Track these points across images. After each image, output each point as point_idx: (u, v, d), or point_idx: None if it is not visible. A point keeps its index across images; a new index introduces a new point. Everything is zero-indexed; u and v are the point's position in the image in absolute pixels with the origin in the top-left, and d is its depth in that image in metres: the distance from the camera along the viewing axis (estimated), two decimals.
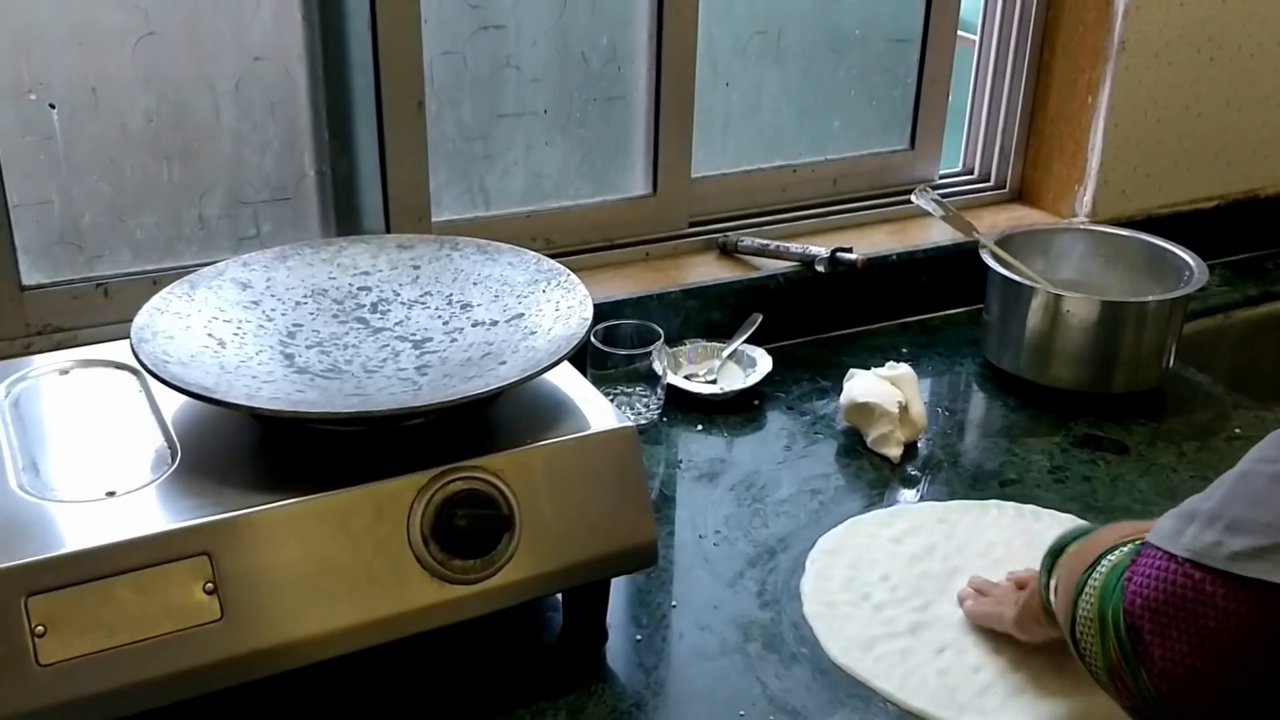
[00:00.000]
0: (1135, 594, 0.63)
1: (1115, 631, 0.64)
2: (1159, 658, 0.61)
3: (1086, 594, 0.68)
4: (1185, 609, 0.60)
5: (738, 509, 1.14)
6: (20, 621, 0.73)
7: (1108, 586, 0.66)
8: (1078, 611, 0.68)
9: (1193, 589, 0.59)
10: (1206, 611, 0.58)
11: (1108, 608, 0.65)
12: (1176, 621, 0.60)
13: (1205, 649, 0.59)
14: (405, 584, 0.83)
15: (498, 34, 1.34)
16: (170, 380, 0.83)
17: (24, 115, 1.14)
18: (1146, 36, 1.55)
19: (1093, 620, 0.66)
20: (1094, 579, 0.68)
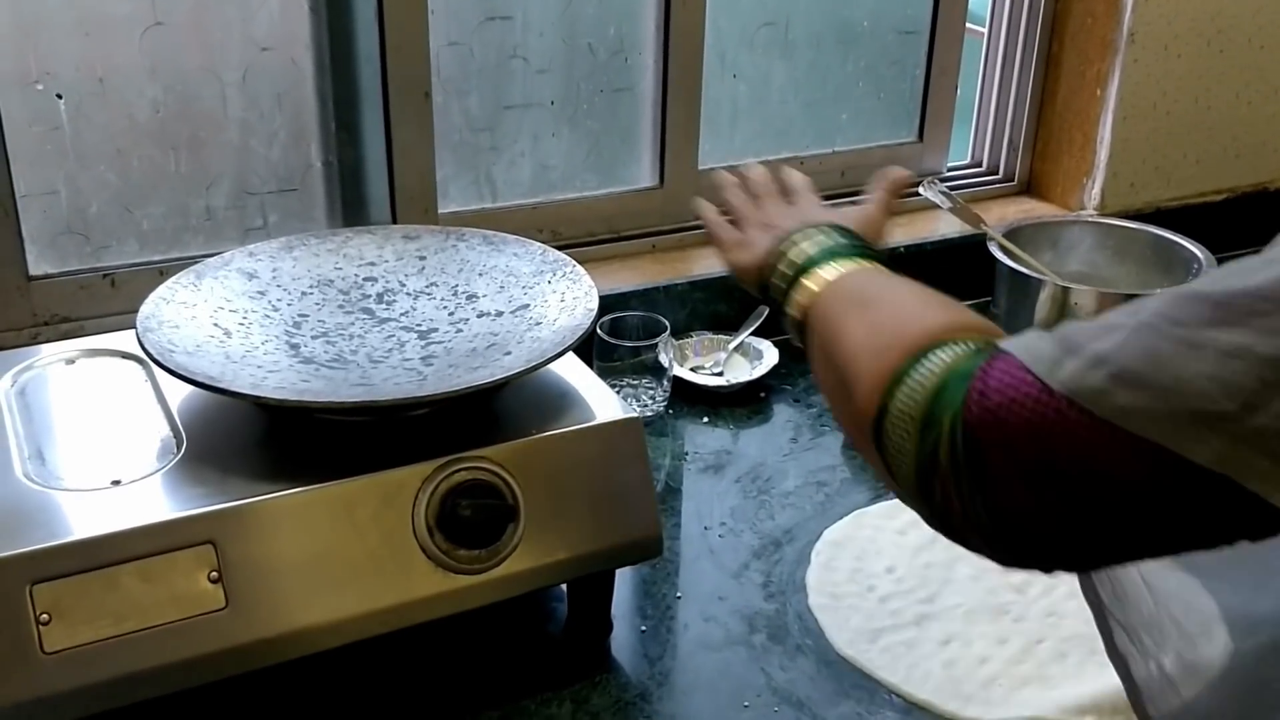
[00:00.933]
0: (986, 410, 0.56)
1: (950, 440, 0.57)
2: (1000, 485, 0.56)
3: (909, 387, 0.61)
4: (1051, 446, 0.54)
5: (743, 501, 1.14)
6: (25, 609, 0.73)
7: (945, 388, 0.59)
8: (892, 402, 0.61)
9: (1065, 429, 0.53)
10: (1078, 456, 0.54)
11: (943, 412, 0.58)
12: (1035, 455, 0.55)
13: (1064, 492, 0.55)
14: (410, 573, 0.83)
15: (505, 25, 1.34)
16: (176, 370, 0.84)
17: (31, 105, 1.14)
18: (1155, 29, 1.55)
19: (914, 418, 0.59)
20: (922, 373, 0.60)
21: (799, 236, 0.82)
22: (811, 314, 0.77)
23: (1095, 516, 0.54)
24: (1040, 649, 0.94)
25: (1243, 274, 0.52)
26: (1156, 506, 0.53)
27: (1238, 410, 0.49)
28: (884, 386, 0.62)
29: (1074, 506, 0.54)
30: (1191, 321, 0.51)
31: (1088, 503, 0.54)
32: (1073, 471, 0.54)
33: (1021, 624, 0.97)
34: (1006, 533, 0.57)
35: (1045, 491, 0.55)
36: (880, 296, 0.74)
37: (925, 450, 0.59)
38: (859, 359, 0.67)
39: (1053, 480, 0.54)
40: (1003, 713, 0.89)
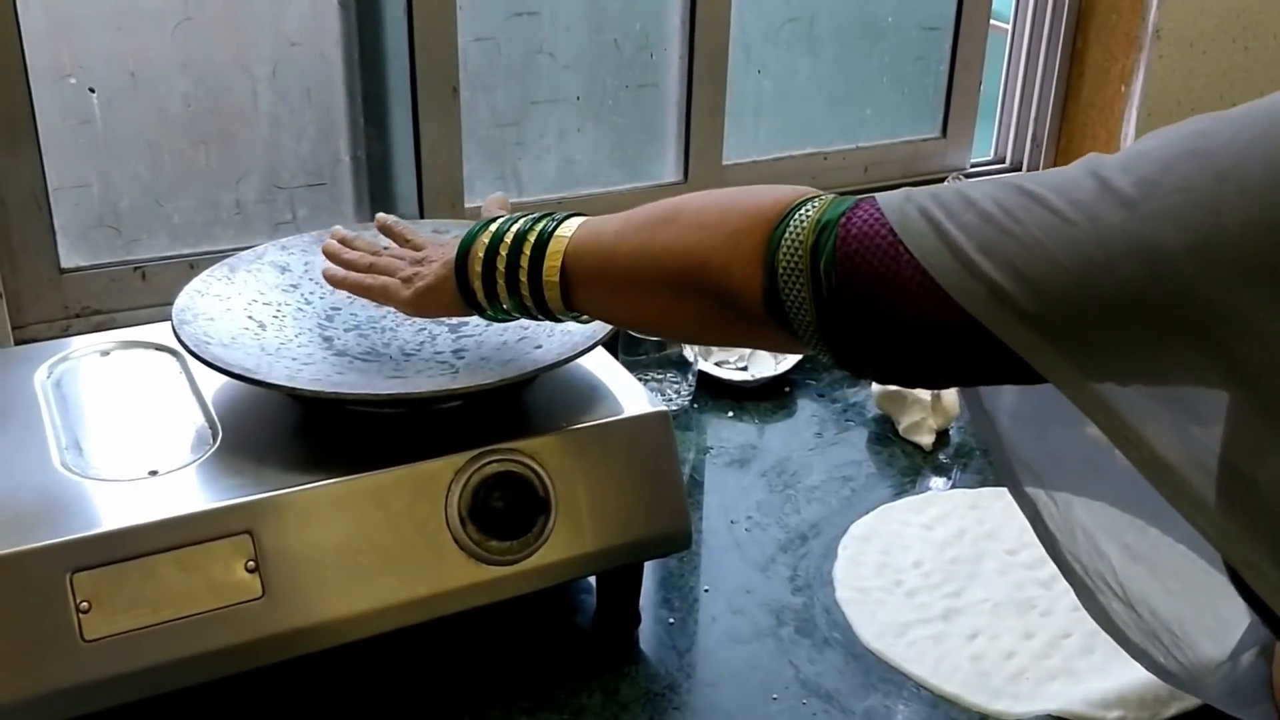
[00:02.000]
0: (852, 256, 0.63)
1: (826, 279, 0.64)
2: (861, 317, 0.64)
3: (789, 245, 0.66)
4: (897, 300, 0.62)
5: (769, 495, 1.14)
6: (65, 597, 0.74)
7: (821, 233, 0.65)
8: (777, 262, 0.66)
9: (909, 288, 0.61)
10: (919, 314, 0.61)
11: (821, 256, 0.64)
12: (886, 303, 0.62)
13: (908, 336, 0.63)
14: (443, 564, 0.84)
15: (531, 20, 1.34)
16: (212, 361, 0.84)
17: (64, 99, 1.15)
18: (1181, 25, 1.55)
19: (803, 270, 0.65)
20: (796, 230, 0.66)
21: (489, 232, 0.81)
22: (579, 266, 0.78)
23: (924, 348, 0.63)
24: (1067, 643, 0.95)
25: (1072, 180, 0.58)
26: (979, 362, 0.62)
27: (1041, 312, 0.57)
28: (762, 257, 0.67)
29: (907, 339, 0.63)
30: (1024, 219, 0.58)
31: (923, 347, 0.63)
32: (906, 316, 0.62)
33: (1048, 618, 0.97)
34: (871, 352, 0.65)
35: (886, 324, 0.63)
36: (682, 205, 0.75)
37: (820, 294, 0.65)
38: (713, 254, 0.70)
39: (890, 316, 0.62)
40: (1030, 706, 0.89)
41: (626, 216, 0.78)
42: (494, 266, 0.80)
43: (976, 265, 0.59)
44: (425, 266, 0.86)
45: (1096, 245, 0.56)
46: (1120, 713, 0.88)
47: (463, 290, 0.83)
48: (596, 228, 0.79)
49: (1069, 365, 0.58)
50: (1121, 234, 0.55)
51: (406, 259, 0.89)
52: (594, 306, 0.80)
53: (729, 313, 0.70)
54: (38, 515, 0.77)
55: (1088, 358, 0.58)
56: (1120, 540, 0.75)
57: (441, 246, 0.88)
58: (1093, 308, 0.56)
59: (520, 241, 0.80)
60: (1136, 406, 0.59)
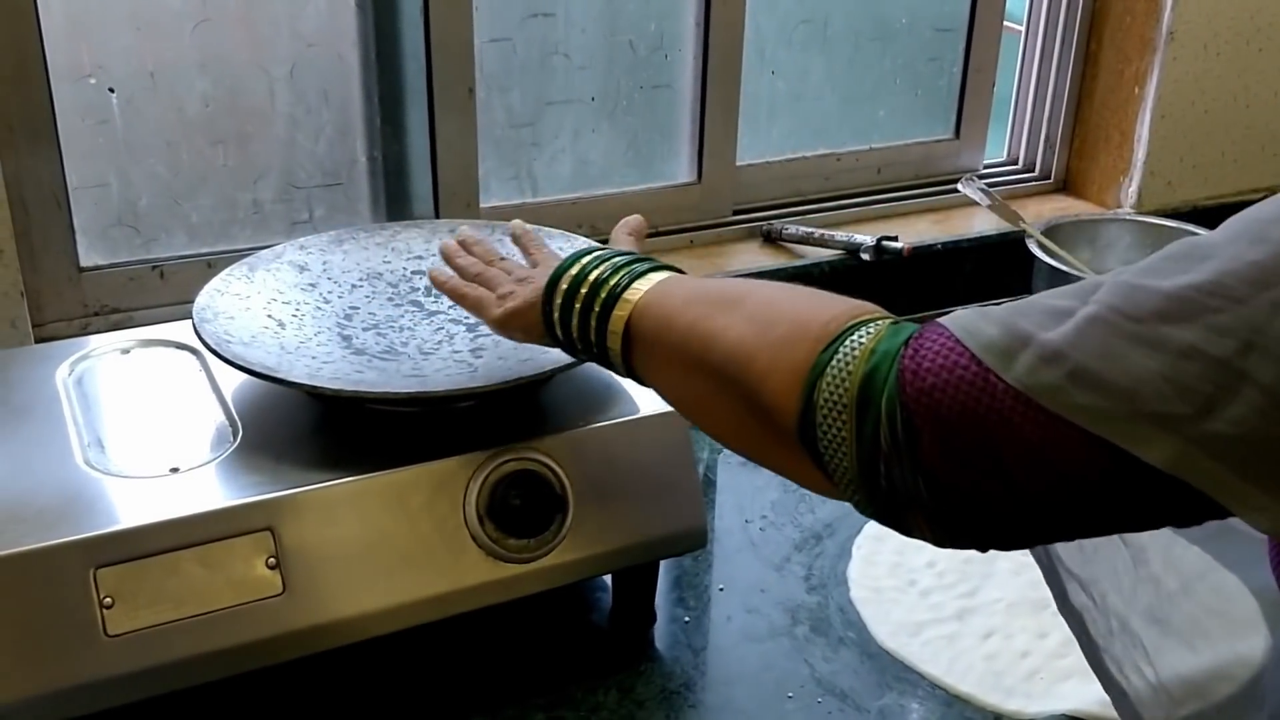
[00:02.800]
0: (920, 390, 0.54)
1: (890, 421, 0.55)
2: (937, 466, 0.54)
3: (834, 376, 0.58)
4: (992, 435, 0.52)
5: (783, 494, 1.15)
6: (89, 593, 0.75)
7: (876, 370, 0.56)
8: (818, 394, 0.58)
9: (1009, 419, 0.52)
10: (1024, 448, 0.52)
11: (877, 395, 0.56)
12: (974, 440, 0.53)
13: (1007, 480, 0.53)
14: (461, 562, 0.84)
15: (547, 21, 1.35)
16: (234, 360, 0.85)
17: (84, 99, 1.16)
18: (1195, 27, 1.55)
19: (848, 406, 0.56)
20: (845, 359, 0.58)
21: (579, 265, 0.77)
22: (641, 325, 0.72)
23: (1039, 504, 0.53)
24: None
25: (1189, 261, 0.50)
26: (1103, 498, 0.52)
27: (1193, 414, 0.48)
28: (803, 380, 0.59)
29: (1016, 494, 0.53)
30: (1144, 316, 0.50)
31: (1031, 491, 0.53)
32: (1017, 462, 0.52)
33: (1062, 618, 0.98)
34: (946, 512, 0.56)
35: (985, 476, 0.53)
36: (749, 293, 0.68)
37: (865, 437, 0.56)
38: (755, 358, 0.63)
39: (993, 466, 0.53)
40: (1044, 706, 0.89)
41: (701, 286, 0.72)
42: (571, 305, 0.76)
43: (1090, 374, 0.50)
44: (522, 286, 0.81)
45: (1251, 326, 0.47)
46: None
47: (546, 321, 0.78)
48: (670, 289, 0.73)
49: (1232, 474, 0.48)
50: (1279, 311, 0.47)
51: (513, 275, 0.84)
52: (648, 375, 0.74)
53: (763, 424, 0.63)
54: (61, 512, 0.77)
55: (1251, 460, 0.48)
56: (1148, 613, 0.73)
57: (538, 269, 0.83)
58: (1255, 397, 0.47)
59: (600, 285, 0.75)
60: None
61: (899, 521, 0.58)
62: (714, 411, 0.69)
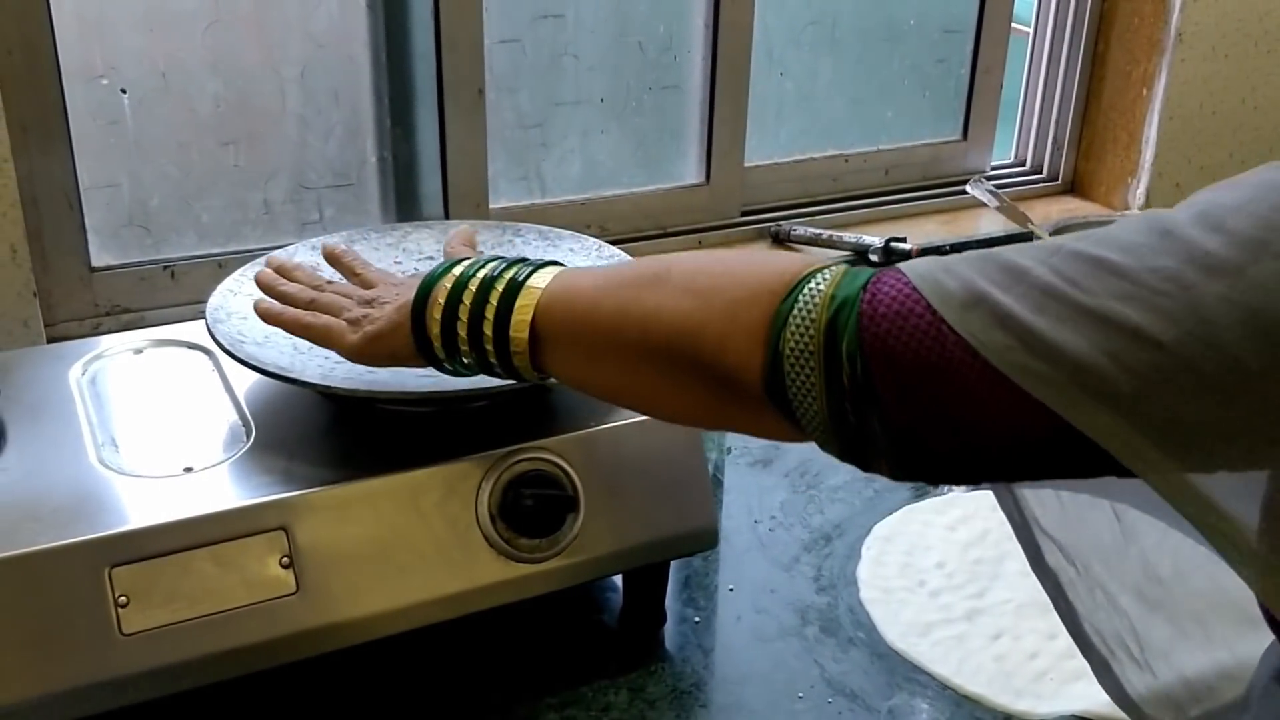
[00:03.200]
0: (878, 336, 0.55)
1: (850, 364, 0.56)
2: (891, 402, 0.56)
3: (797, 325, 0.58)
4: (941, 383, 0.54)
5: (792, 495, 1.15)
6: (104, 592, 0.75)
7: (838, 314, 0.57)
8: (783, 345, 0.58)
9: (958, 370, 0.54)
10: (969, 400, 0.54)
11: (840, 338, 0.57)
12: (924, 386, 0.55)
13: (952, 422, 0.55)
14: (473, 561, 0.85)
15: (556, 22, 1.35)
16: (247, 360, 0.85)
17: (96, 99, 1.16)
18: (1203, 29, 1.55)
19: (815, 353, 0.57)
20: (806, 308, 0.58)
21: (453, 274, 0.73)
22: (549, 321, 0.70)
23: (981, 450, 0.55)
24: None
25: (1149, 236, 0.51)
26: (1040, 451, 0.54)
27: (1131, 394, 0.50)
28: (765, 335, 0.60)
29: (961, 439, 0.55)
30: (1097, 291, 0.51)
31: (975, 438, 0.55)
32: (963, 411, 0.54)
33: None
34: (899, 452, 0.57)
35: (933, 421, 0.55)
36: (669, 268, 0.67)
37: (833, 381, 0.57)
38: (705, 326, 0.63)
39: (940, 412, 0.55)
40: (1054, 707, 0.90)
41: (608, 272, 0.71)
42: (456, 316, 0.72)
43: (1040, 340, 0.51)
44: (376, 309, 0.78)
45: (1196, 316, 0.48)
46: None
47: (419, 340, 0.75)
48: (572, 281, 0.71)
49: (1161, 455, 0.50)
50: (1225, 303, 0.48)
51: (354, 297, 0.80)
52: (567, 372, 0.72)
53: (721, 391, 0.63)
54: (76, 511, 0.78)
55: (1182, 444, 0.50)
56: (1137, 591, 0.73)
57: (396, 286, 0.80)
58: (1192, 386, 0.49)
59: (487, 289, 0.72)
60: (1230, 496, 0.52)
61: (861, 460, 0.60)
62: (662, 394, 0.68)
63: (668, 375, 0.66)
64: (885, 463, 0.58)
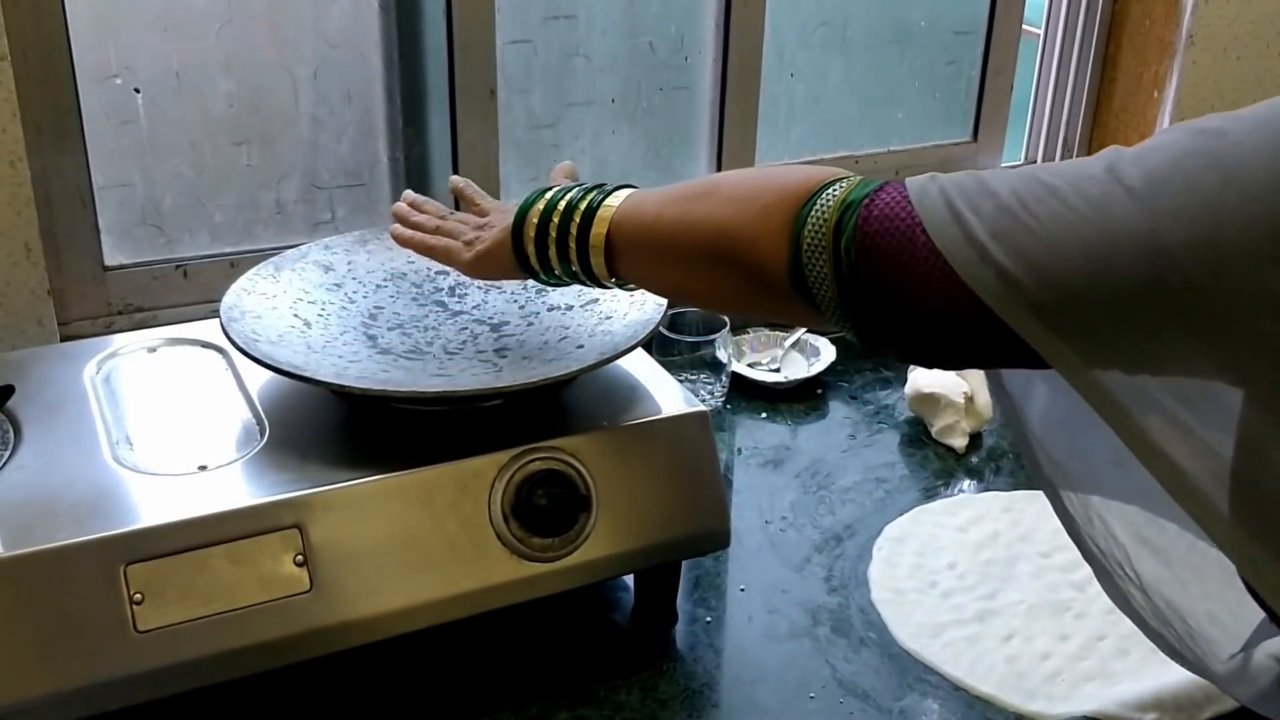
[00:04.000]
0: (867, 235, 0.65)
1: (847, 256, 0.66)
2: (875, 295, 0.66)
3: (814, 223, 0.68)
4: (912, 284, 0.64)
5: (803, 495, 1.15)
6: (120, 589, 0.75)
7: (844, 214, 0.67)
8: (802, 238, 0.68)
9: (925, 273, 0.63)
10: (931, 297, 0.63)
11: (843, 234, 0.66)
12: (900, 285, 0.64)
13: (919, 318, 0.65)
14: (486, 560, 0.85)
15: (568, 23, 1.36)
16: (262, 359, 0.86)
17: (110, 99, 1.16)
18: (1215, 31, 1.55)
19: (826, 247, 0.67)
20: (821, 209, 0.68)
21: (544, 200, 0.85)
22: (622, 234, 0.81)
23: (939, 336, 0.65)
24: (1102, 645, 0.95)
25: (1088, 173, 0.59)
26: (991, 347, 0.63)
27: (1054, 306, 0.59)
28: (789, 232, 0.70)
29: (922, 326, 0.65)
30: (1039, 212, 0.60)
31: (933, 328, 0.65)
32: (923, 303, 0.64)
33: (1083, 620, 0.98)
34: (888, 331, 0.67)
35: (900, 310, 0.65)
36: (718, 183, 0.78)
37: (840, 271, 0.67)
38: (743, 228, 0.73)
39: (905, 302, 0.64)
40: (1066, 708, 0.90)
41: (668, 190, 0.81)
42: (547, 233, 0.84)
43: (988, 252, 0.60)
44: (486, 231, 0.90)
45: (1103, 238, 0.57)
46: (1156, 715, 0.88)
47: (518, 255, 0.86)
48: (641, 199, 0.82)
49: (1073, 353, 0.60)
50: (1127, 228, 0.57)
51: (470, 224, 0.93)
52: (636, 274, 0.83)
53: (757, 285, 0.73)
54: (92, 508, 0.78)
55: (1092, 346, 0.60)
56: (1137, 533, 0.76)
57: (504, 213, 0.91)
58: (1097, 299, 0.58)
59: (571, 210, 0.83)
60: (1141, 399, 0.61)
61: (872, 342, 0.69)
62: (710, 287, 0.78)
63: (715, 272, 0.76)
64: (889, 345, 0.69)
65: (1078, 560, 1.02)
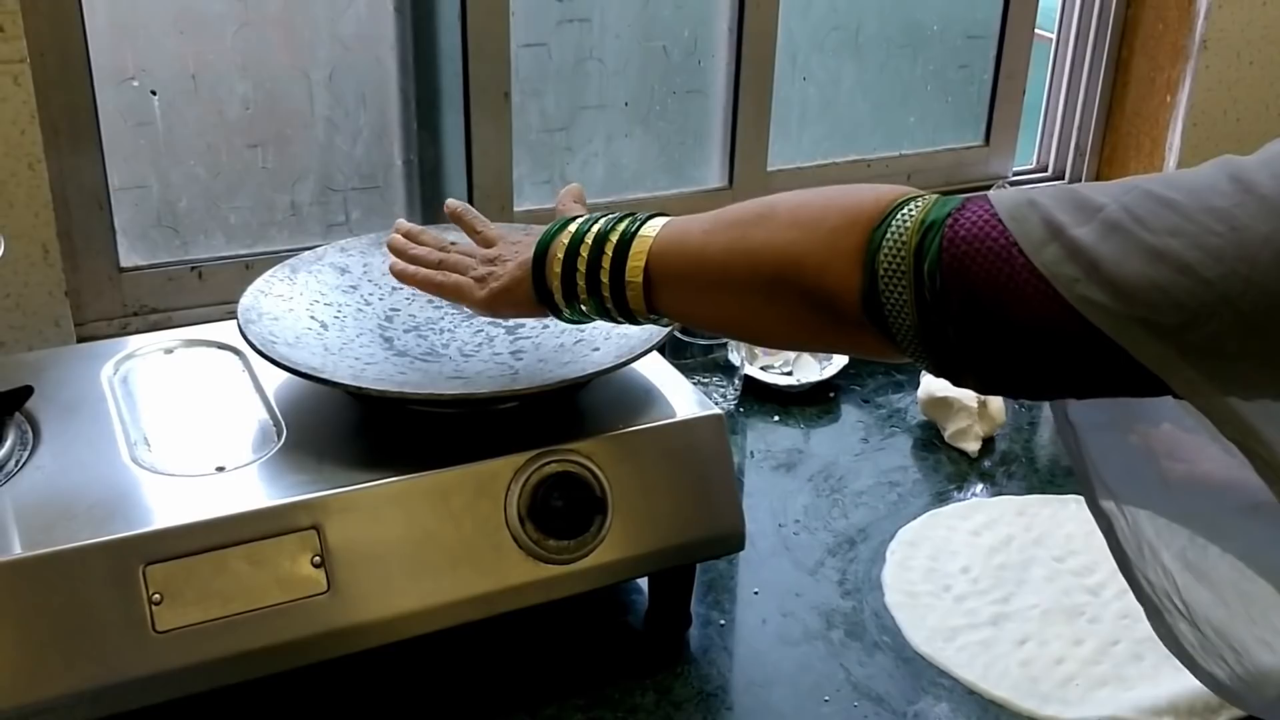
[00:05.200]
0: (956, 256, 0.61)
1: (931, 280, 0.62)
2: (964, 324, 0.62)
3: (890, 247, 0.64)
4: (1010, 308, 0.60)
5: (816, 499, 1.15)
6: (139, 589, 0.76)
7: (926, 235, 0.63)
8: (878, 265, 0.64)
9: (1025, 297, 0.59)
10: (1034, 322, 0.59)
11: (925, 258, 0.62)
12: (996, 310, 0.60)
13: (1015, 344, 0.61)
14: (502, 562, 0.85)
15: (582, 26, 1.36)
16: (280, 360, 0.86)
17: (126, 101, 1.17)
18: (1228, 35, 1.55)
19: (906, 272, 0.63)
20: (898, 231, 0.64)
21: (569, 231, 0.80)
22: (663, 265, 0.76)
23: (1040, 364, 0.61)
24: (1116, 650, 0.95)
25: (1216, 178, 0.56)
26: (1095, 372, 0.60)
27: (1177, 326, 0.55)
28: (862, 257, 0.65)
29: (1021, 353, 0.61)
30: (1156, 229, 0.56)
31: (1034, 354, 0.61)
32: (1024, 328, 0.60)
33: (1097, 625, 0.98)
34: (975, 361, 0.63)
35: (996, 336, 0.61)
36: (773, 206, 0.73)
37: (923, 297, 0.63)
38: (808, 255, 0.68)
39: (1003, 328, 0.60)
40: (1079, 712, 0.90)
41: (715, 216, 0.76)
42: (574, 268, 0.79)
43: (1099, 271, 0.56)
44: (499, 266, 0.84)
45: (1238, 251, 0.53)
46: (1170, 719, 0.88)
47: (539, 291, 0.81)
48: (683, 227, 0.77)
49: (1204, 380, 0.56)
50: (1269, 245, 0.53)
51: (478, 256, 0.87)
52: (678, 308, 0.78)
53: (823, 315, 0.69)
54: (111, 509, 0.78)
55: (1224, 372, 0.55)
56: (1181, 555, 0.74)
57: (515, 244, 0.86)
58: (1232, 320, 0.54)
59: (602, 241, 0.78)
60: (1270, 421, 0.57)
61: (951, 373, 0.66)
62: (767, 320, 0.73)
63: (774, 303, 0.71)
64: (970, 375, 0.65)
65: (1091, 564, 1.03)
